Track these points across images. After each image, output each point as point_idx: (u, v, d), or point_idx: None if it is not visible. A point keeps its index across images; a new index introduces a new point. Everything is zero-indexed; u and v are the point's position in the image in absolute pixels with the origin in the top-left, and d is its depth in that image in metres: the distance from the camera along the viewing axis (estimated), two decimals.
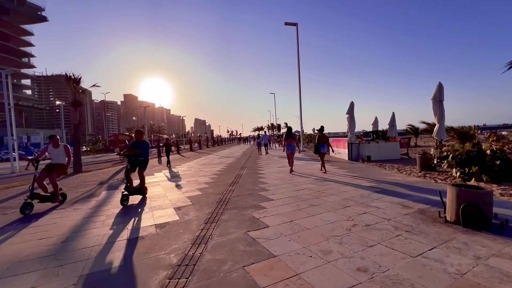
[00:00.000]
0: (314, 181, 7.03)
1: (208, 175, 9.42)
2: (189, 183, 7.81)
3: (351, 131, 11.96)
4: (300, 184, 6.78)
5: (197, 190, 6.63)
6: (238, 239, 3.29)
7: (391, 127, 13.50)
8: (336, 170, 9.01)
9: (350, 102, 12.03)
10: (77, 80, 12.98)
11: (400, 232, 3.27)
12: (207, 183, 7.71)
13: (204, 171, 10.54)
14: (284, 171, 9.31)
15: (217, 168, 11.33)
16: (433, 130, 15.29)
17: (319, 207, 4.56)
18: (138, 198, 6.07)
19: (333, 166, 10.11)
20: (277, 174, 8.78)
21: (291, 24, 19.21)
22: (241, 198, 5.52)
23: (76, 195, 6.94)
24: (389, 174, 7.74)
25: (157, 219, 4.36)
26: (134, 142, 6.28)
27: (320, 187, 6.26)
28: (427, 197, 4.85)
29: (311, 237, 3.25)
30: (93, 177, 10.61)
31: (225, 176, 8.82)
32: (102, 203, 5.77)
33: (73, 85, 12.87)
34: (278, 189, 6.28)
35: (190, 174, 9.87)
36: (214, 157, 18.95)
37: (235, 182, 7.59)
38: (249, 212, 4.43)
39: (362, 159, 11.31)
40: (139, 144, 6.19)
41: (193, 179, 8.67)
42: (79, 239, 3.63)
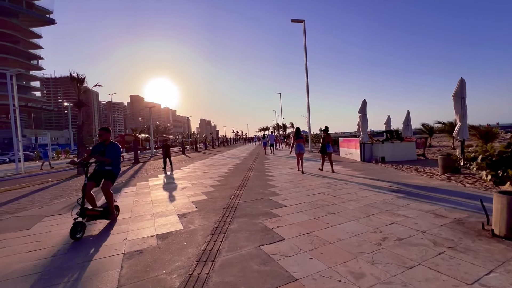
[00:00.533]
0: (328, 185, 6.53)
1: (214, 177, 9.01)
2: (194, 186, 7.40)
3: (363, 131, 11.39)
4: (313, 187, 6.29)
5: (202, 194, 6.22)
6: (251, 255, 2.84)
7: (406, 126, 12.87)
8: (350, 172, 8.49)
9: (362, 101, 11.48)
10: (81, 80, 12.75)
11: (441, 248, 2.77)
12: (213, 186, 7.29)
13: (210, 173, 10.14)
14: (293, 173, 8.83)
15: (223, 170, 10.92)
16: (448, 130, 14.66)
17: (338, 215, 4.08)
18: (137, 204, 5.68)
19: (346, 167, 9.58)
20: (286, 176, 8.31)
21: (298, 21, 18.69)
22: (251, 203, 5.07)
23: (75, 198, 6.57)
24: (408, 176, 7.18)
25: (159, 228, 3.95)
26: (98, 145, 4.51)
27: (336, 191, 5.76)
28: (460, 204, 4.32)
29: (336, 254, 2.78)
30: None
31: (232, 179, 8.40)
32: None
33: (77, 85, 12.65)
34: (290, 193, 5.81)
35: (195, 176, 9.48)
36: (220, 158, 18.57)
37: (243, 185, 7.16)
38: (261, 221, 3.97)
39: (376, 160, 10.74)
40: (105, 147, 4.38)
41: (199, 181, 8.27)
42: (72, 251, 3.23)
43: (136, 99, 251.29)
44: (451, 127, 13.70)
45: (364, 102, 11.43)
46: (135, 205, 5.56)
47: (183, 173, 10.61)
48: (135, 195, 6.62)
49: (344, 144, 14.02)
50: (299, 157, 8.95)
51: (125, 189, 7.62)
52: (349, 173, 8.28)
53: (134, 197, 6.38)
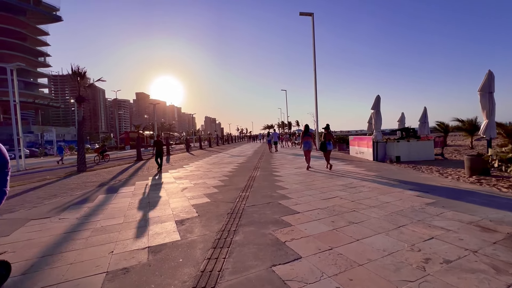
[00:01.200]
0: (342, 187, 5.91)
1: (218, 176, 8.47)
2: (196, 187, 6.86)
3: (377, 128, 10.70)
4: (327, 190, 5.68)
5: (205, 196, 5.66)
6: (260, 280, 2.27)
7: (423, 124, 12.10)
8: (364, 172, 7.84)
9: (375, 96, 10.77)
10: (82, 74, 12.32)
11: (508, 278, 2.15)
12: (217, 186, 6.74)
13: (214, 172, 9.60)
14: (303, 173, 8.22)
15: (227, 169, 10.37)
16: (467, 128, 13.84)
17: (362, 225, 3.47)
18: None
19: (359, 167, 8.92)
20: (295, 176, 7.71)
21: (307, 14, 17.96)
22: (258, 208, 4.49)
23: (69, 199, 6.13)
24: (431, 178, 6.50)
25: (153, 238, 3.41)
26: None
27: (353, 195, 5.14)
28: (506, 214, 3.66)
29: (370, 282, 2.18)
30: (95, 177, 9.88)
31: (237, 178, 7.83)
32: (93, 212, 4.89)
33: (77, 79, 12.22)
34: (301, 196, 5.22)
35: (198, 175, 8.95)
36: (224, 155, 18.05)
37: (248, 186, 6.58)
38: (271, 232, 3.39)
39: (390, 160, 10.05)
40: None
41: (201, 181, 7.73)
42: (46, 268, 2.71)
43: (142, 96, 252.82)
44: (470, 125, 12.89)
45: (378, 98, 10.71)
46: (130, 207, 5.04)
47: (185, 172, 10.09)
48: (132, 196, 6.11)
49: (355, 142, 13.32)
50: (307, 154, 9.00)
51: (123, 189, 7.13)
52: (363, 173, 7.63)
53: (130, 198, 5.88)
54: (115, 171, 11.50)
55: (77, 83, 12.31)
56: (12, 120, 13.85)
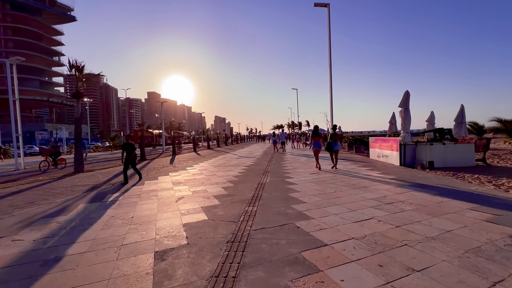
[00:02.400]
0: (376, 202, 4.66)
1: (222, 182, 7.36)
2: (195, 196, 5.78)
3: (405, 129, 9.30)
4: (356, 206, 4.45)
5: (202, 211, 4.56)
6: None
7: (459, 124, 10.56)
8: (395, 181, 6.52)
9: (404, 92, 9.37)
10: (80, 68, 11.53)
11: None
12: (219, 196, 5.63)
13: (218, 176, 8.52)
14: (320, 180, 7.00)
15: (233, 173, 9.26)
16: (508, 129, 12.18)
17: (430, 277, 2.25)
18: None
19: (386, 174, 7.59)
20: (313, 185, 6.49)
21: (322, 5, 16.63)
22: (269, 235, 3.34)
23: (44, 209, 5.18)
24: (488, 192, 5.15)
25: (114, 285, 2.31)
26: None
27: (393, 216, 3.90)
28: None
29: None
30: (88, 180, 9.00)
31: (243, 186, 6.70)
32: (60, 230, 3.87)
33: (76, 73, 11.43)
34: (325, 215, 4.02)
35: (199, 180, 7.88)
36: (232, 156, 16.98)
37: (256, 197, 5.43)
38: (288, 284, 2.23)
39: (422, 166, 8.66)
40: None
41: (202, 188, 6.65)
42: None
43: (153, 96, 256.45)
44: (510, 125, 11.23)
45: (406, 94, 9.32)
46: (107, 225, 3.99)
47: (187, 175, 9.06)
48: (116, 207, 5.09)
49: (376, 144, 11.93)
50: (317, 154, 9.19)
51: (111, 196, 6.15)
52: (394, 182, 6.32)
53: (113, 210, 4.86)
54: (112, 173, 10.61)
55: (75, 77, 11.53)
56: (11, 118, 13.24)
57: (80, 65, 11.50)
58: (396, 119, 15.16)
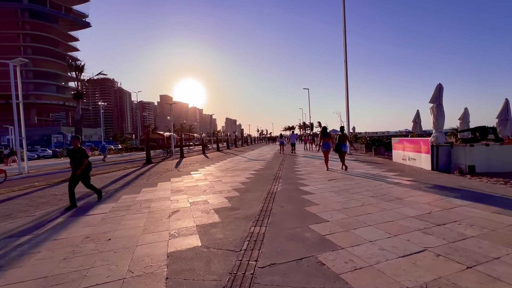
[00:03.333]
0: (422, 223, 3.56)
1: (226, 191, 6.43)
2: (192, 209, 4.86)
3: (438, 128, 8.04)
4: (397, 229, 3.37)
5: (195, 232, 3.62)
6: None
7: (503, 121, 9.07)
8: (433, 190, 5.34)
9: (436, 85, 8.11)
10: (80, 68, 10.98)
11: None
12: (220, 210, 4.68)
13: (223, 183, 7.59)
14: (341, 189, 5.92)
15: (240, 178, 8.31)
16: None
17: None
18: None
19: (419, 181, 6.38)
20: (333, 195, 5.43)
21: None
22: (281, 278, 2.33)
23: (16, 224, 4.43)
24: None
25: None
26: None
27: (455, 246, 2.80)
28: None
29: None
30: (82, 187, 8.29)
31: (250, 196, 5.73)
32: (14, 260, 3.04)
33: (75, 73, 10.88)
34: (357, 243, 2.97)
35: (201, 188, 6.98)
36: (241, 159, 16.06)
37: (265, 212, 4.45)
38: None
39: (460, 170, 7.38)
40: None
41: (202, 198, 5.73)
42: None
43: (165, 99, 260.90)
44: None
45: (439, 88, 8.05)
46: (74, 252, 3.13)
47: (189, 181, 8.20)
48: (98, 223, 4.26)
49: (400, 145, 10.66)
50: (326, 155, 9.33)
51: (99, 207, 5.37)
52: (433, 192, 5.15)
53: (93, 227, 4.02)
54: (111, 178, 9.93)
55: (75, 78, 10.97)
56: (14, 121, 12.89)
57: (80, 64, 10.94)
58: (420, 117, 13.82)
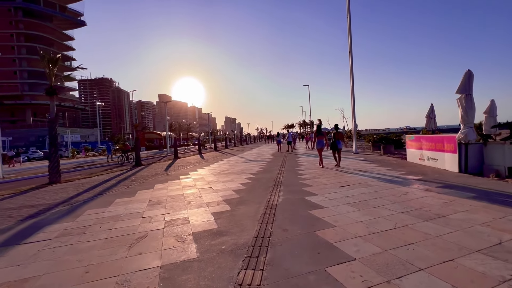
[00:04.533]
0: (500, 265, 2.34)
1: (215, 203, 5.20)
2: (165, 233, 3.63)
3: (466, 122, 6.81)
4: (467, 273, 2.15)
5: (154, 281, 2.39)
6: None
7: None
8: (483, 204, 4.11)
9: (465, 72, 6.87)
10: (54, 60, 9.73)
11: None
12: (200, 236, 3.45)
13: (213, 191, 6.37)
14: (360, 200, 4.70)
15: (235, 185, 7.09)
16: None
17: None
18: None
19: (451, 187, 5.16)
20: (351, 209, 4.20)
21: None
22: None
23: None
24: None
25: None
26: None
27: None
28: None
29: None
30: (54, 195, 7.09)
31: (244, 212, 4.50)
32: None
33: (49, 65, 9.64)
34: None
35: (186, 199, 5.75)
36: (238, 160, 14.83)
37: (262, 240, 3.23)
38: None
39: (497, 173, 6.16)
40: None
41: (182, 215, 4.50)
42: None
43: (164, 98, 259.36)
44: None
45: (468, 75, 6.80)
46: None
47: (175, 189, 6.97)
48: (24, 262, 3.04)
49: (416, 144, 9.44)
50: (321, 152, 9.48)
51: (48, 229, 4.14)
52: (480, 204, 3.92)
53: (10, 271, 2.80)
54: (89, 184, 8.70)
55: (48, 72, 9.73)
56: None
57: (55, 57, 9.70)
58: (434, 112, 12.55)
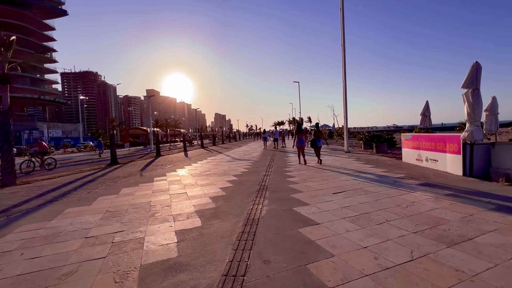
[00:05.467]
0: None
1: (185, 214, 4.25)
2: (102, 266, 2.66)
3: (473, 120, 6.13)
4: None
5: None
6: None
7: None
8: (501, 217, 3.39)
9: (472, 64, 6.16)
10: (7, 43, 8.39)
11: None
12: (149, 273, 2.49)
13: (187, 197, 5.41)
14: (360, 210, 3.87)
15: (213, 189, 6.15)
16: None
17: None
18: None
19: (461, 193, 4.43)
20: (350, 225, 3.36)
21: None
22: None
23: None
24: None
25: None
26: None
27: None
28: None
29: None
30: None
31: (216, 229, 3.57)
32: None
33: (0, 49, 8.30)
34: None
35: (150, 209, 4.76)
36: (223, 159, 13.86)
37: (235, 272, 2.32)
38: None
39: (507, 177, 5.50)
40: None
41: (138, 234, 3.52)
42: None
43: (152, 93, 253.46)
44: None
45: (476, 67, 6.09)
46: None
47: (144, 194, 5.95)
48: None
49: (413, 143, 8.77)
50: (300, 150, 9.58)
51: None
52: (507, 219, 3.18)
53: None
54: (50, 186, 7.53)
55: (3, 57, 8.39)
56: None
57: (8, 39, 8.36)
58: (430, 109, 12.01)
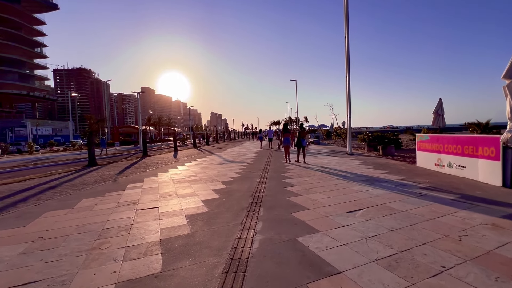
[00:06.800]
0: None
1: (144, 246, 2.98)
2: None
3: None
4: None
5: None
6: None
7: None
8: None
9: None
10: None
11: None
12: None
13: (157, 215, 4.14)
14: (394, 245, 2.67)
15: (194, 203, 4.88)
16: None
17: None
18: None
19: None
20: (389, 279, 2.15)
21: None
22: None
23: None
24: None
25: None
26: None
27: None
28: None
29: None
30: None
31: (184, 275, 2.31)
32: None
33: None
34: None
35: (103, 233, 3.48)
36: (214, 160, 12.58)
37: None
38: None
39: None
40: None
41: (61, 286, 2.25)
42: None
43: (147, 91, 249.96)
44: None
45: None
46: None
47: (104, 208, 4.66)
48: None
49: (432, 145, 7.63)
50: (287, 149, 10.26)
51: None
52: None
53: None
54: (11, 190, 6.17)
55: None
56: None
57: None
58: (443, 108, 10.91)
